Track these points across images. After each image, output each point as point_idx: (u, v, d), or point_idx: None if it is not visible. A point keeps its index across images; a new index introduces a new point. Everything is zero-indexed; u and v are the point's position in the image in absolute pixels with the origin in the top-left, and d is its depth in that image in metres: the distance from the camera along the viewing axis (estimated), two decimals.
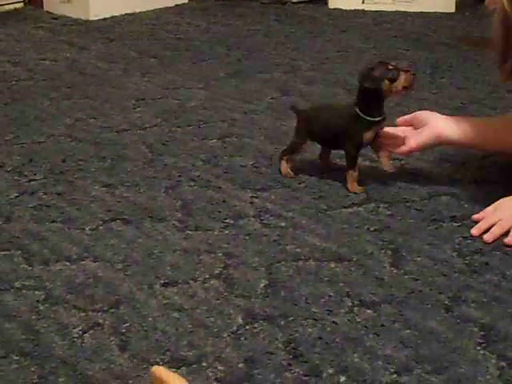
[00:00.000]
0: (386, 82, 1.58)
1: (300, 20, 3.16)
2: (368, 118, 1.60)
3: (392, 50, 2.71)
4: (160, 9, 3.32)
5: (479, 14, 3.16)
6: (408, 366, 1.12)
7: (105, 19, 3.16)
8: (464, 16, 3.18)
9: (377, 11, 3.23)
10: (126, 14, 3.22)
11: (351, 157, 1.64)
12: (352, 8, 3.27)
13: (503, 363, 1.12)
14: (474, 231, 1.49)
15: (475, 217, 1.53)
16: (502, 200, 1.54)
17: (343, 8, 3.28)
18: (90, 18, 3.15)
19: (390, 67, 1.58)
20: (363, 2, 3.28)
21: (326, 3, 3.33)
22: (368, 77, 1.59)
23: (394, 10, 3.24)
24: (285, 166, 1.71)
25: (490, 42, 1.57)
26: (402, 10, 3.24)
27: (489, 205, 1.53)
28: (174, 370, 1.09)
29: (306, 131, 1.69)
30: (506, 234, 1.46)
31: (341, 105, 1.76)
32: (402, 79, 1.58)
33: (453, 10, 3.24)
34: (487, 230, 1.48)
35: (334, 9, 3.29)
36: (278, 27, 3.05)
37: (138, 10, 3.26)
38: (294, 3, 3.40)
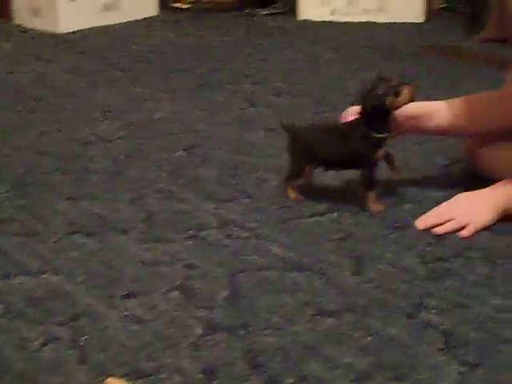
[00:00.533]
0: (390, 98, 1.52)
1: (269, 31, 3.17)
2: (379, 135, 1.54)
3: (361, 61, 2.73)
4: (130, 22, 3.33)
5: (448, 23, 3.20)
6: (368, 373, 1.12)
7: (74, 32, 3.16)
8: (433, 25, 3.21)
9: (345, 22, 3.25)
10: (96, 27, 3.22)
11: (369, 178, 1.57)
12: (321, 19, 3.29)
13: (464, 368, 1.12)
14: (420, 223, 1.51)
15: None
16: (456, 197, 1.56)
17: (312, 19, 3.30)
18: (60, 31, 3.15)
19: (392, 83, 1.53)
20: (332, 14, 3.30)
21: (295, 15, 3.35)
22: (370, 96, 1.52)
23: (362, 20, 3.26)
24: (292, 193, 1.64)
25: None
26: (371, 20, 3.26)
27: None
28: (132, 381, 1.08)
29: (306, 153, 1.60)
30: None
31: (337, 124, 1.63)
32: (406, 93, 1.53)
33: (422, 19, 3.27)
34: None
35: (303, 20, 3.31)
36: (248, 39, 3.06)
37: (107, 23, 3.26)
38: (263, 15, 3.42)
